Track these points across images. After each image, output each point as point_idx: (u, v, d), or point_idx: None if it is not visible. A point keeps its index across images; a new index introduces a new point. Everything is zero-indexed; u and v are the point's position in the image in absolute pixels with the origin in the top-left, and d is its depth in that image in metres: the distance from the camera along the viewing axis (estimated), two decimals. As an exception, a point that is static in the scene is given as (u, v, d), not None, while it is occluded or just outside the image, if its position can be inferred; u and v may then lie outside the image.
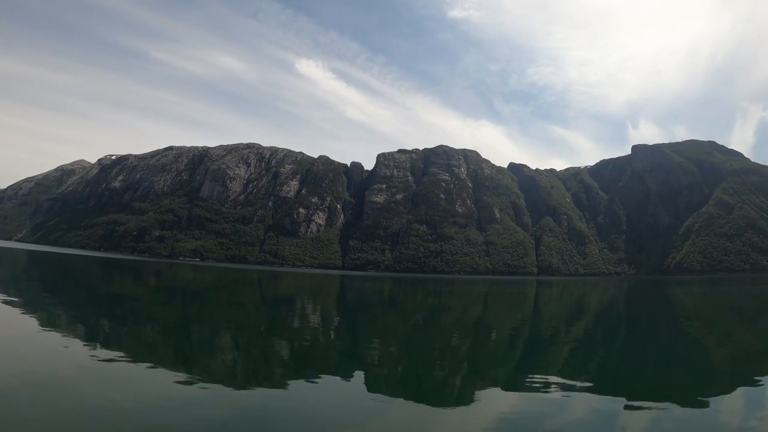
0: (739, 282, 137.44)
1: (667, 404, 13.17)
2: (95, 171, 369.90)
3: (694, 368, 19.22)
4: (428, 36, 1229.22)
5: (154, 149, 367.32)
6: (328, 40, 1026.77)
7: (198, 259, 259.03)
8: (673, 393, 14.52)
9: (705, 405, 13.13)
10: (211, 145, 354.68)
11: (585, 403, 12.93)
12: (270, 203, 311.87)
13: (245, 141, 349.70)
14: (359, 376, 14.75)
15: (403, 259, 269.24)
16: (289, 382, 13.60)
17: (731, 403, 13.43)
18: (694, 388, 15.36)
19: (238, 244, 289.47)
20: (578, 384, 14.84)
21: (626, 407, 12.69)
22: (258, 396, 12.14)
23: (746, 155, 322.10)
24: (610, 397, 13.91)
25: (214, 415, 10.33)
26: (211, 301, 39.91)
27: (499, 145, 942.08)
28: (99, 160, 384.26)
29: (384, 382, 14.63)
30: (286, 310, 35.29)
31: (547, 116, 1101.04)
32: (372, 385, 13.67)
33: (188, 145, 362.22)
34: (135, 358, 15.06)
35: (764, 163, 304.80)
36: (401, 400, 12.67)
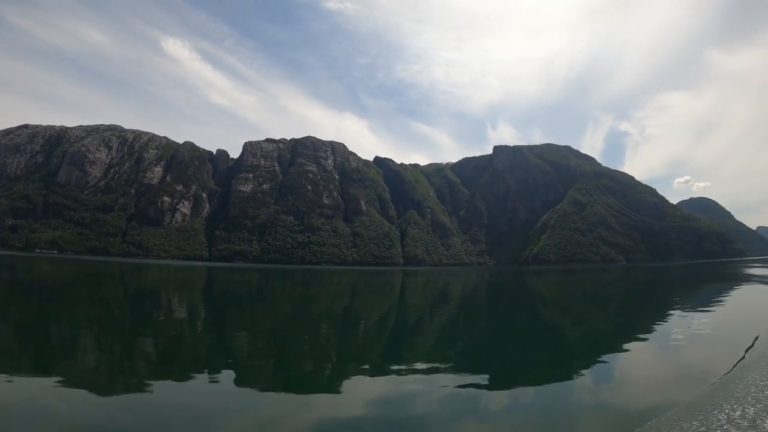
0: (591, 272, 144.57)
1: (525, 383, 13.82)
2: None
3: (550, 349, 19.84)
4: (301, 24, 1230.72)
5: (6, 127, 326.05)
6: (197, 19, 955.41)
7: (56, 252, 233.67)
8: (532, 372, 15.30)
9: (560, 381, 13.80)
10: (69, 125, 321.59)
11: (449, 385, 13.07)
12: (132, 190, 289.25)
13: (107, 122, 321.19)
14: (228, 371, 14.21)
15: (271, 250, 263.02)
16: (155, 382, 12.88)
17: (584, 379, 14.04)
18: (550, 367, 16.08)
19: (99, 234, 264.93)
20: (442, 367, 15.17)
21: (488, 387, 13.10)
22: (123, 400, 11.23)
23: (597, 160, 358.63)
24: (472, 377, 14.11)
25: (75, 422, 9.49)
26: (71, 297, 36.25)
27: (363, 138, 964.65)
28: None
29: (253, 375, 14.24)
30: (151, 306, 32.77)
31: (412, 113, 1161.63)
32: (241, 380, 13.27)
33: (44, 124, 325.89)
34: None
35: (614, 168, 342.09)
36: (271, 392, 12.32)
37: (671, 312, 30.55)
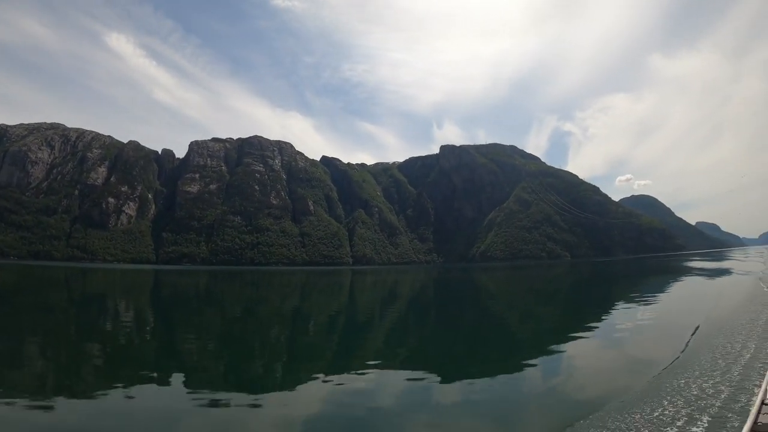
0: (537, 268, 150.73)
1: (475, 376, 14.26)
2: None
3: (498, 343, 20.69)
4: (247, 21, 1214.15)
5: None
6: (142, 14, 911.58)
7: None
8: (481, 365, 15.85)
9: (508, 374, 14.42)
10: (9, 123, 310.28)
11: (400, 380, 13.58)
12: (76, 192, 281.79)
13: (48, 120, 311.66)
14: (178, 375, 14.37)
15: (220, 252, 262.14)
16: (104, 389, 12.65)
17: (532, 371, 14.65)
18: (499, 360, 16.77)
19: (42, 238, 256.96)
20: (393, 363, 15.75)
21: (438, 381, 13.56)
22: (69, 407, 11.11)
23: (542, 159, 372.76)
24: (423, 372, 14.64)
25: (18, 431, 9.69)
26: (13, 305, 35.72)
27: (308, 137, 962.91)
28: None
29: (204, 379, 14.30)
30: (97, 312, 32.64)
31: (358, 112, 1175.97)
32: (192, 384, 13.36)
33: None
34: None
35: (558, 167, 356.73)
36: (223, 393, 12.45)
37: (616, 305, 33.01)
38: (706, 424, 8.14)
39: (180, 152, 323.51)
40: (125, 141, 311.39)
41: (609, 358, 15.81)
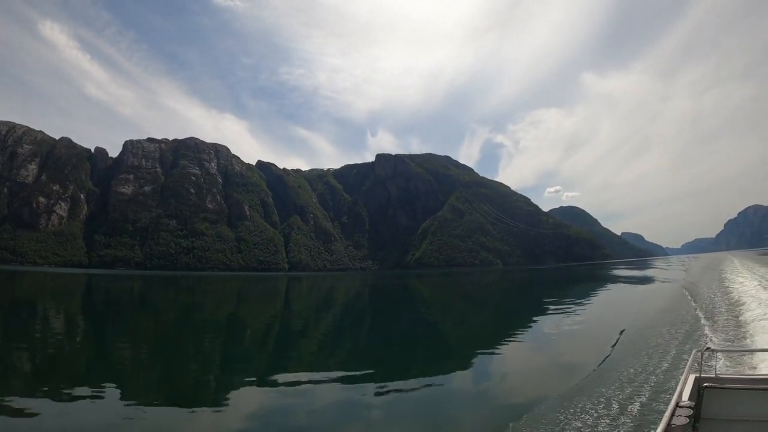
0: (470, 275, 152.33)
1: (409, 382, 14.63)
2: None
3: (432, 347, 21.38)
4: (186, 17, 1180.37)
5: None
6: (78, 3, 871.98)
7: None
8: (414, 370, 16.34)
9: (441, 377, 14.97)
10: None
11: (334, 391, 13.72)
12: (5, 189, 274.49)
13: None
14: (110, 384, 14.16)
15: (154, 256, 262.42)
16: (32, 400, 12.29)
17: (464, 375, 15.45)
18: (432, 365, 17.14)
19: None
20: (328, 374, 15.84)
21: (374, 387, 13.84)
22: None
23: (474, 169, 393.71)
24: (357, 378, 15.14)
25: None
26: None
27: (242, 140, 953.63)
28: None
29: (136, 387, 14.25)
30: (25, 317, 31.62)
31: (292, 116, 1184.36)
32: (124, 393, 13.27)
33: None
34: None
35: (489, 177, 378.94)
36: (155, 406, 12.34)
37: (545, 310, 33.21)
38: (627, 426, 8.58)
39: (112, 151, 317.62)
40: (56, 137, 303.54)
41: (538, 362, 16.31)
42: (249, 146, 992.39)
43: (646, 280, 64.86)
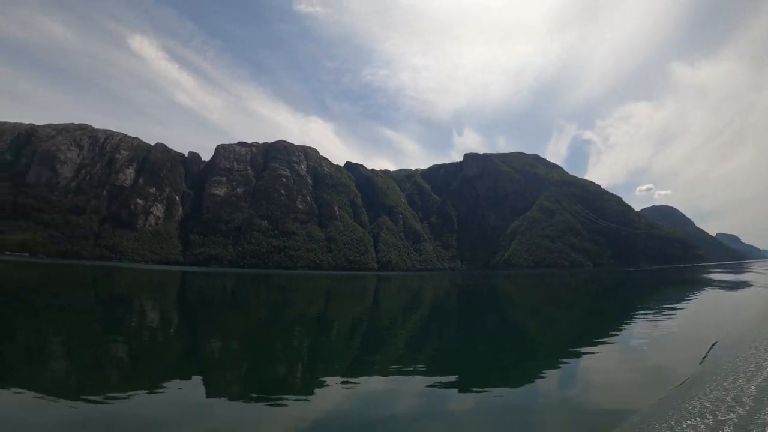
0: (559, 276, 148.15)
1: (494, 383, 14.34)
2: None
3: (519, 350, 21.05)
4: (268, 26, 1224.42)
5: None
6: (163, 16, 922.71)
7: (27, 255, 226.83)
8: (501, 373, 16.01)
9: (528, 382, 14.57)
10: (37, 123, 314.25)
11: (419, 386, 13.64)
12: (105, 192, 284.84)
13: (75, 122, 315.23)
14: (197, 377, 14.59)
15: (246, 255, 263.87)
16: (125, 392, 12.66)
17: (551, 381, 14.82)
18: (519, 368, 16.86)
19: (71, 237, 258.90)
20: (413, 369, 15.80)
21: (458, 388, 13.65)
22: (91, 411, 11.14)
23: (562, 167, 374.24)
24: (442, 378, 14.74)
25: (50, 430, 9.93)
26: (34, 303, 34.90)
27: (328, 142, 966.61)
28: None
29: (224, 381, 14.58)
30: (123, 312, 32.49)
31: (377, 117, 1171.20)
32: (211, 386, 13.66)
33: (11, 121, 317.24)
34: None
35: (577, 175, 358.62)
36: (243, 397, 12.67)
37: (636, 315, 32.24)
38: None
39: (204, 155, 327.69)
40: (152, 143, 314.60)
41: (626, 371, 15.80)
42: (336, 148, 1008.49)
43: (742, 285, 59.72)
